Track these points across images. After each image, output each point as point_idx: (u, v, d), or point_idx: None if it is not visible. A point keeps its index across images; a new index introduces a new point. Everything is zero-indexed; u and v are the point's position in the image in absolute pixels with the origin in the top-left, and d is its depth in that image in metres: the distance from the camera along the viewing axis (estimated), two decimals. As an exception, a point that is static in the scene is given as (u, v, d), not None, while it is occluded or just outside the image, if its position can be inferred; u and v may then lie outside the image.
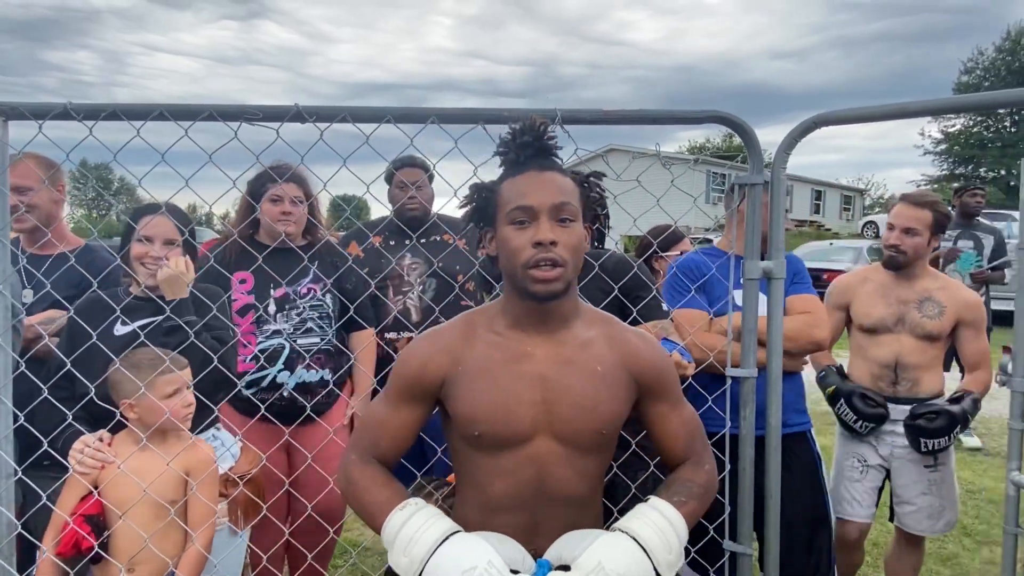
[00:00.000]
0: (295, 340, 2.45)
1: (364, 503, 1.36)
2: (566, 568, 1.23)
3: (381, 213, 3.12)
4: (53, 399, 1.75)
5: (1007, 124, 34.07)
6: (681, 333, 2.06)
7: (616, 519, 1.60)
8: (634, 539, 1.26)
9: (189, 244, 2.04)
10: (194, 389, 1.79)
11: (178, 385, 1.73)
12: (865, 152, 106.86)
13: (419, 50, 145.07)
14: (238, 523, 1.94)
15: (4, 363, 1.64)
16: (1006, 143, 33.58)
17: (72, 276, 2.19)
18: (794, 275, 2.27)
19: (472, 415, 1.32)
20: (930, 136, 35.92)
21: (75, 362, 1.77)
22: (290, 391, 2.42)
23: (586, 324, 1.39)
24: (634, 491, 1.71)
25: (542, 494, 1.34)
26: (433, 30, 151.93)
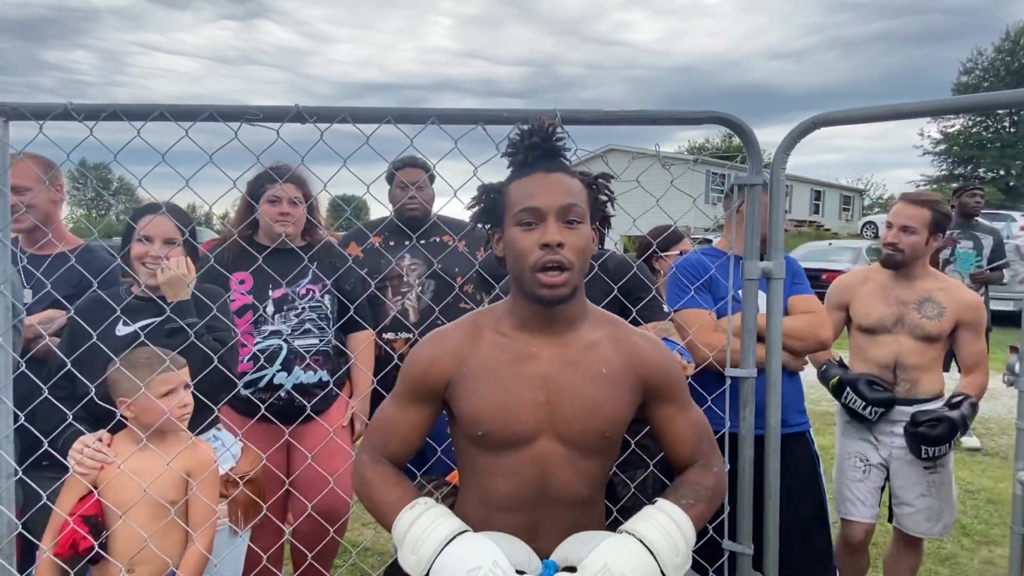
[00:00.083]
0: (293, 341, 2.45)
1: (376, 502, 1.38)
2: (572, 569, 1.23)
3: (381, 213, 3.13)
4: (54, 399, 1.75)
5: (1006, 124, 34.09)
6: (685, 333, 2.07)
7: (615, 518, 1.60)
8: (640, 541, 1.25)
9: (190, 244, 2.03)
10: (195, 390, 1.78)
11: (173, 385, 1.72)
12: (864, 152, 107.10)
13: (418, 50, 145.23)
14: (239, 523, 1.94)
15: (4, 363, 1.64)
16: (1005, 143, 33.62)
17: (71, 276, 2.18)
18: (793, 276, 2.28)
19: (476, 415, 1.32)
20: (929, 136, 36.01)
21: (77, 362, 1.76)
22: (288, 391, 2.42)
23: (592, 326, 1.39)
24: (633, 490, 1.71)
25: (544, 495, 1.34)
26: (432, 30, 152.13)
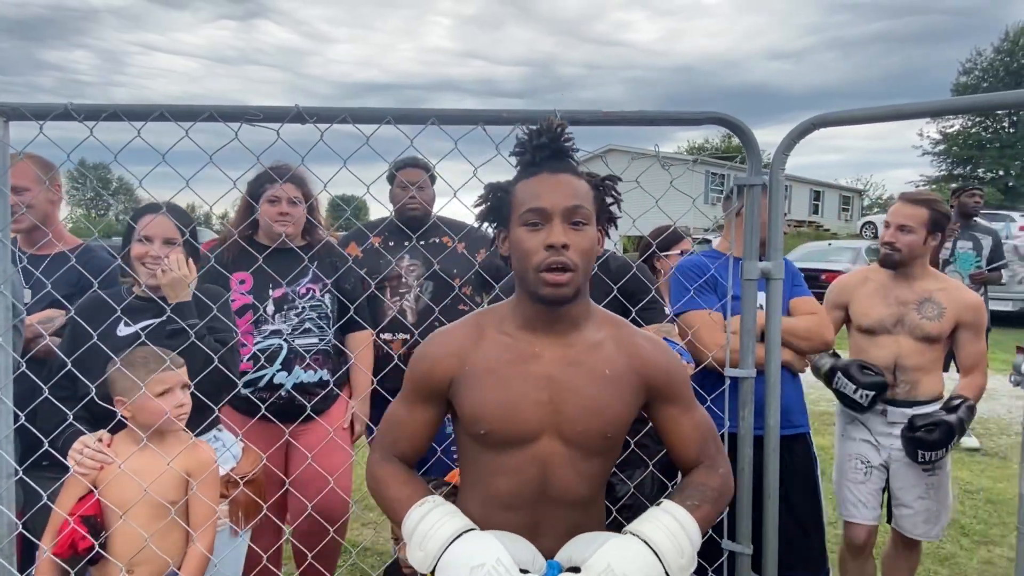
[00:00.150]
0: (293, 340, 2.45)
1: (386, 498, 1.41)
2: (576, 570, 1.23)
3: (380, 214, 3.13)
4: (54, 399, 1.75)
5: (1005, 125, 34.10)
6: (695, 334, 2.08)
7: (615, 518, 1.60)
8: (645, 542, 1.25)
9: (191, 245, 2.02)
10: (196, 390, 1.78)
11: (169, 385, 1.71)
12: (864, 152, 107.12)
13: (417, 50, 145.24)
14: (239, 524, 1.94)
15: (5, 363, 1.64)
16: (1004, 144, 33.63)
17: (70, 276, 2.18)
18: (792, 278, 2.30)
19: (479, 414, 1.32)
20: (928, 137, 36.00)
21: (78, 362, 1.76)
22: (288, 391, 2.43)
23: (596, 326, 1.39)
24: (632, 490, 1.71)
25: (545, 494, 1.34)
26: (431, 30, 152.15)
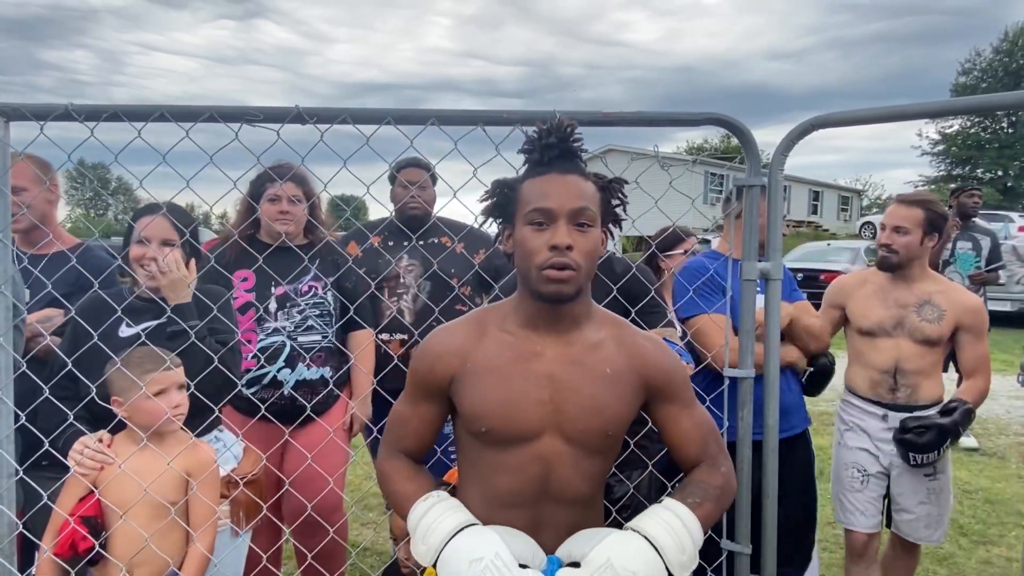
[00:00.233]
0: (296, 338, 2.46)
1: (392, 493, 1.43)
2: (576, 565, 1.24)
3: (380, 214, 3.13)
4: (55, 399, 1.75)
5: (1004, 125, 34.11)
6: (704, 338, 2.10)
7: (614, 517, 1.60)
8: (646, 538, 1.25)
9: (192, 245, 2.01)
10: (197, 391, 1.78)
11: (164, 385, 1.71)
12: (863, 153, 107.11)
13: (417, 50, 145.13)
14: (240, 524, 1.94)
15: (6, 363, 1.64)
16: (1003, 144, 33.64)
17: (68, 275, 2.19)
18: (788, 282, 2.32)
19: (479, 412, 1.33)
20: (927, 137, 35.98)
21: (78, 362, 1.76)
22: (290, 389, 2.43)
23: (597, 326, 1.40)
24: (632, 489, 1.72)
25: (545, 492, 1.34)
26: (431, 30, 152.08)
